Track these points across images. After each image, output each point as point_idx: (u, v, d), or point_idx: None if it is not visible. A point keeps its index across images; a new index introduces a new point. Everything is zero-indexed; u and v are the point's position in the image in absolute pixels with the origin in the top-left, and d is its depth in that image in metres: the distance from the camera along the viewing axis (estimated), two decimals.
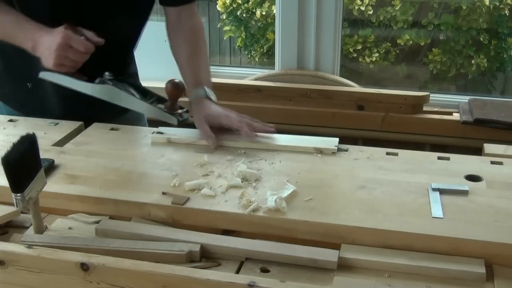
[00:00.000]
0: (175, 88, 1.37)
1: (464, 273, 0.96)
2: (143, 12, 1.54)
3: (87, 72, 1.39)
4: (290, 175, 1.22)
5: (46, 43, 1.32)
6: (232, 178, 1.20)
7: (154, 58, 2.16)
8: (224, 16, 3.26)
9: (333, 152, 1.34)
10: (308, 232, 1.06)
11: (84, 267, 0.95)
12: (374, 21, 3.00)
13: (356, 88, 2.29)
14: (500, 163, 1.29)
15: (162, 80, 1.41)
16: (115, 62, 1.51)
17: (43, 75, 1.37)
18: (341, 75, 2.38)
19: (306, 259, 0.99)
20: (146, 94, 1.42)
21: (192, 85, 1.48)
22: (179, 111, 1.40)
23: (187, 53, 1.54)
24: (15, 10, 1.38)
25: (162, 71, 1.93)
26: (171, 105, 1.39)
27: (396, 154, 1.34)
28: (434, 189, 1.16)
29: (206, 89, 1.46)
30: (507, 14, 2.88)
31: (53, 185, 1.18)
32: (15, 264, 0.99)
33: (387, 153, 1.34)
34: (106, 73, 1.39)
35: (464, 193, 1.15)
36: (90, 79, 1.39)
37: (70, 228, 1.10)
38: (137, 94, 1.41)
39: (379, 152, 1.35)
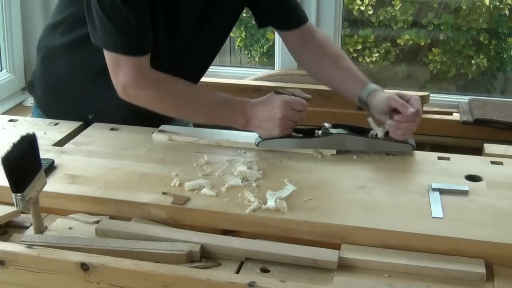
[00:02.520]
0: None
1: (464, 273, 0.97)
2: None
3: None
4: (290, 175, 1.22)
5: (263, 115, 1.33)
6: (232, 178, 1.20)
7: None
8: None
9: (332, 154, 1.34)
10: (308, 232, 1.06)
11: (84, 267, 0.95)
12: (374, 21, 3.00)
13: None
14: (500, 163, 1.29)
15: None
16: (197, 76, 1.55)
17: (261, 145, 1.36)
18: None
19: (306, 259, 0.99)
20: (362, 131, 1.39)
21: (357, 85, 1.45)
22: (409, 138, 1.36)
23: (329, 61, 1.51)
24: (210, 90, 1.39)
25: None
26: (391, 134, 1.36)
27: (396, 154, 1.34)
28: (434, 189, 1.16)
29: (373, 84, 1.43)
30: (507, 14, 2.88)
31: (53, 185, 1.18)
32: (15, 264, 0.99)
33: (387, 153, 1.34)
34: (325, 123, 1.38)
35: (464, 193, 1.16)
36: (307, 134, 1.38)
37: (70, 228, 1.10)
38: (358, 134, 1.38)
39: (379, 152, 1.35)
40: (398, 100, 1.33)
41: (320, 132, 1.36)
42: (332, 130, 1.36)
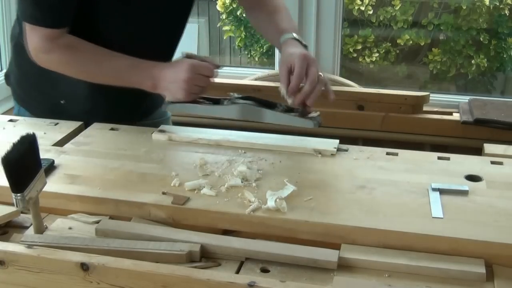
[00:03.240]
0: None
1: (464, 273, 0.97)
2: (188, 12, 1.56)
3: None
4: (290, 175, 1.22)
5: (170, 77, 1.34)
6: (232, 178, 1.20)
7: None
8: (224, 16, 3.27)
9: (332, 154, 1.33)
10: (308, 232, 1.06)
11: (84, 267, 0.95)
12: (374, 21, 3.00)
13: (356, 88, 2.28)
14: (500, 163, 1.29)
15: None
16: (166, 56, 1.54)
17: (169, 108, 1.38)
18: (341, 75, 2.38)
19: (306, 259, 0.99)
20: (271, 104, 1.40)
21: (277, 34, 1.46)
22: (313, 114, 1.37)
23: (266, 15, 1.53)
24: (118, 53, 1.39)
25: None
26: (303, 111, 1.37)
27: (396, 154, 1.34)
28: (434, 189, 1.16)
29: (294, 34, 1.43)
30: (507, 14, 2.88)
31: (53, 185, 1.18)
32: (15, 264, 0.99)
33: (387, 153, 1.34)
34: (232, 93, 1.40)
35: (464, 193, 1.15)
36: (216, 102, 1.40)
37: (70, 228, 1.10)
38: (265, 106, 1.39)
39: (379, 152, 1.35)
40: (281, 72, 1.34)
41: (226, 101, 1.38)
42: (240, 101, 1.37)
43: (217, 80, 2.29)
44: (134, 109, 1.57)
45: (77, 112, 1.52)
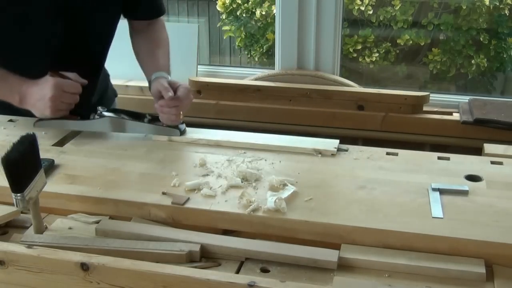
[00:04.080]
0: None
1: (464, 273, 0.97)
2: (115, 19, 1.58)
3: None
4: (290, 175, 1.22)
5: (36, 94, 1.37)
6: (232, 178, 1.20)
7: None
8: (224, 16, 3.26)
9: (332, 154, 1.34)
10: (308, 232, 1.06)
11: (84, 267, 0.95)
12: (374, 21, 3.00)
13: (356, 88, 2.28)
14: (500, 163, 1.29)
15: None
16: (93, 70, 1.58)
17: (38, 124, 1.44)
18: (341, 75, 2.38)
19: (306, 259, 0.99)
20: (139, 116, 1.48)
21: (152, 70, 1.52)
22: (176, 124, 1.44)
23: (146, 46, 1.59)
24: None
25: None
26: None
27: (396, 154, 1.34)
28: (434, 189, 1.16)
29: (164, 73, 1.50)
30: (507, 14, 2.88)
31: (53, 185, 1.18)
32: (15, 264, 0.99)
33: (387, 153, 1.34)
34: (99, 107, 1.46)
35: (464, 193, 1.16)
36: (84, 117, 1.46)
37: (70, 228, 1.10)
38: (133, 118, 1.47)
39: (379, 152, 1.35)
40: (162, 84, 1.42)
41: (95, 115, 1.44)
42: (107, 114, 1.44)
43: (217, 80, 2.31)
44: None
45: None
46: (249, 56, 3.35)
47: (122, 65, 1.87)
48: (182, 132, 1.43)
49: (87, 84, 1.43)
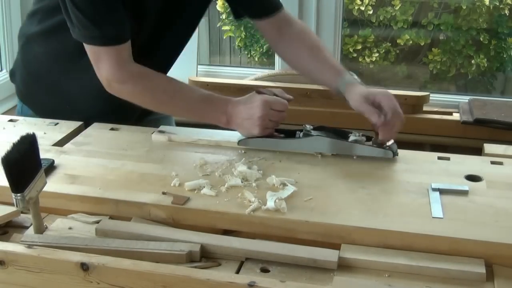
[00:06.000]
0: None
1: (464, 273, 0.96)
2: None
3: None
4: (290, 175, 1.22)
5: (244, 113, 1.34)
6: (232, 178, 1.20)
7: None
8: (224, 16, 3.27)
9: (332, 154, 1.33)
10: (308, 232, 1.06)
11: (84, 267, 0.95)
12: (374, 21, 3.01)
13: None
14: (500, 163, 1.29)
15: None
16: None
17: (242, 143, 1.37)
18: None
19: (306, 259, 0.99)
20: (344, 134, 1.38)
21: (334, 76, 1.45)
22: (388, 143, 1.35)
23: (307, 52, 1.51)
24: (191, 86, 1.40)
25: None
26: (377, 139, 1.35)
27: (396, 154, 1.34)
28: (434, 189, 1.16)
29: (352, 75, 1.44)
30: (507, 14, 2.88)
31: (53, 185, 1.18)
32: (15, 264, 0.99)
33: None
34: (306, 125, 1.39)
35: (464, 193, 1.15)
36: (288, 135, 1.39)
37: (70, 228, 1.10)
38: (339, 137, 1.37)
39: None
40: (367, 108, 1.33)
41: (301, 133, 1.37)
42: (313, 132, 1.36)
43: (217, 80, 2.31)
44: (137, 113, 1.56)
45: (80, 115, 1.52)
46: (249, 56, 3.35)
47: None
48: (395, 154, 1.32)
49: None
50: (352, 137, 1.35)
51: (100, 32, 1.31)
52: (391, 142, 1.35)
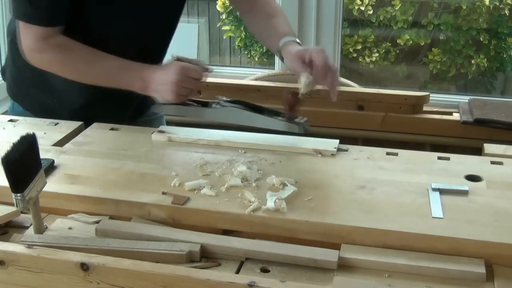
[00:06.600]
0: (294, 98, 1.37)
1: (464, 273, 0.97)
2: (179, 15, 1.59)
3: None
4: (290, 175, 1.22)
5: (160, 79, 1.36)
6: (232, 178, 1.20)
7: None
8: (224, 16, 3.27)
9: (332, 154, 1.33)
10: (308, 232, 1.06)
11: (84, 267, 0.95)
12: (374, 21, 3.01)
13: (356, 88, 2.28)
14: (500, 163, 1.29)
15: None
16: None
17: (158, 109, 1.41)
18: (341, 75, 2.37)
19: (306, 259, 0.99)
20: (259, 109, 1.42)
21: (277, 39, 1.47)
22: (300, 120, 1.39)
23: (263, 19, 1.55)
24: (111, 55, 1.40)
25: None
26: (290, 115, 1.38)
27: (396, 154, 1.34)
28: (434, 189, 1.16)
29: (295, 38, 1.46)
30: (507, 14, 2.89)
31: (53, 185, 1.18)
32: (15, 264, 0.99)
33: (387, 153, 1.34)
34: (219, 96, 1.42)
35: (464, 193, 1.15)
36: (204, 105, 1.42)
37: (70, 228, 1.10)
38: (253, 110, 1.41)
39: (379, 152, 1.35)
40: (298, 66, 1.37)
41: (215, 104, 1.40)
42: (228, 104, 1.40)
43: (217, 80, 2.31)
44: (126, 108, 1.58)
45: (69, 110, 1.54)
46: (249, 56, 3.35)
47: None
48: (305, 130, 1.37)
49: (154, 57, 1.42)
50: (266, 112, 1.40)
51: (32, 10, 1.36)
52: (302, 119, 1.39)
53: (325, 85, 1.37)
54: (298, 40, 1.46)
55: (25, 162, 1.03)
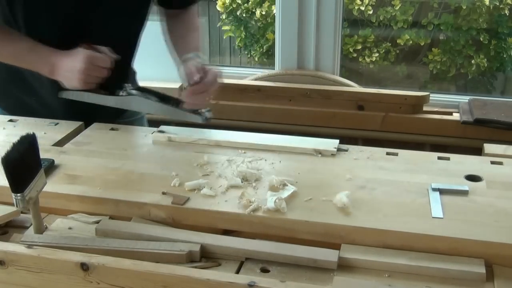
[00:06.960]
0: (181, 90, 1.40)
1: (464, 273, 0.97)
2: (142, 13, 1.56)
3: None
4: (290, 175, 1.22)
5: (67, 66, 1.37)
6: (232, 178, 1.20)
7: (153, 58, 2.15)
8: (224, 16, 3.27)
9: (332, 154, 1.33)
10: (308, 232, 1.06)
11: (84, 267, 0.95)
12: (374, 21, 3.00)
13: (356, 88, 2.29)
14: (500, 163, 1.29)
15: (159, 80, 1.42)
16: (120, 66, 1.52)
17: (64, 94, 1.43)
18: (341, 75, 2.38)
19: (306, 259, 0.99)
20: (166, 98, 1.45)
21: (182, 54, 1.50)
22: (203, 110, 1.43)
23: (179, 32, 1.57)
24: (26, 36, 1.41)
25: (160, 71, 1.92)
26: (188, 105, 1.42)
27: (396, 154, 1.34)
28: (434, 189, 1.16)
29: (195, 54, 1.49)
30: (507, 14, 2.88)
31: (53, 185, 1.18)
32: (15, 264, 0.99)
33: (387, 153, 1.34)
34: (127, 84, 1.45)
35: (464, 193, 1.16)
36: (111, 92, 1.44)
37: (70, 228, 1.10)
38: (159, 100, 1.45)
39: (379, 152, 1.35)
40: (190, 68, 1.41)
41: (121, 92, 1.43)
42: (134, 92, 1.43)
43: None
44: (101, 108, 1.55)
45: (48, 109, 1.53)
46: (249, 56, 3.35)
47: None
48: (207, 120, 1.40)
49: (119, 61, 1.42)
50: (171, 102, 1.43)
51: None
52: (205, 110, 1.42)
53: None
54: (199, 55, 1.49)
55: (25, 162, 1.03)
